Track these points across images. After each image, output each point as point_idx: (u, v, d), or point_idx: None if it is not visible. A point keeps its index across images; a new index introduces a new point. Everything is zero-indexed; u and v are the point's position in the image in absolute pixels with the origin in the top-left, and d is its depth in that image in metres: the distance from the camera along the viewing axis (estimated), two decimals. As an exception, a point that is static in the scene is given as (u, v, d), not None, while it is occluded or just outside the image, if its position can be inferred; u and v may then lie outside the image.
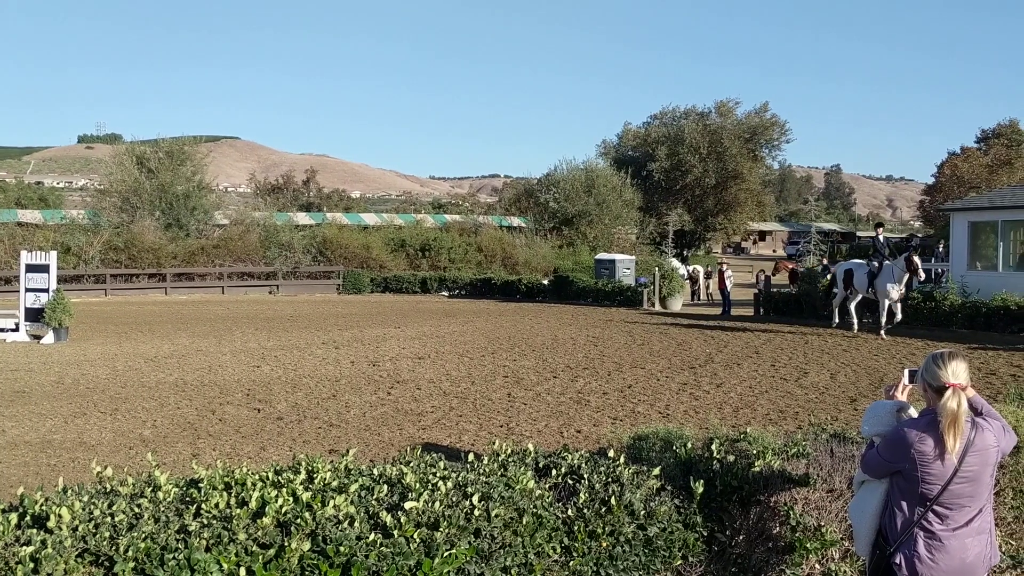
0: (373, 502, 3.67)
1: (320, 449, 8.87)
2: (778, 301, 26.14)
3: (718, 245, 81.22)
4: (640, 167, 62.80)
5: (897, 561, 3.61)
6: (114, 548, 3.20)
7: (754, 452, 4.71)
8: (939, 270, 28.09)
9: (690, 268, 38.57)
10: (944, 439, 3.52)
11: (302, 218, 54.50)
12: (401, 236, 46.58)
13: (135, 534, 3.26)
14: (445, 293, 38.22)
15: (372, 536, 3.42)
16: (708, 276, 36.36)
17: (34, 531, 3.32)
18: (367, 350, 17.39)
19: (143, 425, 10.14)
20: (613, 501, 3.93)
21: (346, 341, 19.05)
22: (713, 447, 4.70)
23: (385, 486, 3.84)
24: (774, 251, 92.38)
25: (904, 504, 3.63)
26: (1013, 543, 5.36)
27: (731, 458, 4.59)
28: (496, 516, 3.72)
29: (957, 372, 3.60)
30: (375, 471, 4.08)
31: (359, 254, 42.47)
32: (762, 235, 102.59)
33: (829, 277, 22.88)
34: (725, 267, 29.96)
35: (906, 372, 3.90)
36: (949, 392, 3.54)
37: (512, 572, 3.67)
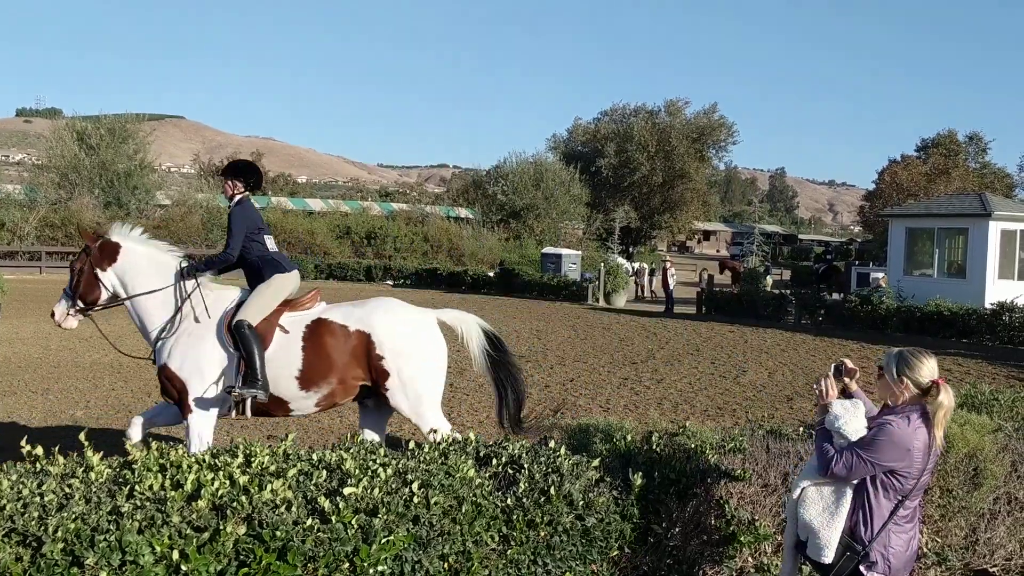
0: (311, 487, 3.64)
1: (258, 434, 8.76)
2: (720, 300, 26.53)
3: (663, 243, 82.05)
4: (589, 163, 63.06)
5: (873, 559, 3.64)
6: (43, 528, 3.12)
7: (692, 446, 4.78)
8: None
9: (635, 265, 38.92)
10: (935, 433, 3.60)
11: (246, 201, 53.59)
12: (347, 223, 46.17)
13: (65, 515, 3.18)
14: (390, 282, 37.98)
15: (309, 521, 3.39)
16: (652, 274, 36.71)
17: (-41, 510, 3.23)
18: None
19: (75, 406, 9.91)
20: (552, 491, 3.95)
21: (288, 327, 18.81)
22: (652, 440, 4.75)
23: (324, 471, 3.81)
24: (718, 251, 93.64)
25: (884, 502, 3.66)
26: (939, 540, 5.53)
27: (670, 451, 4.65)
28: (435, 504, 3.71)
29: (934, 368, 3.69)
30: (314, 456, 4.04)
31: (304, 239, 42.02)
32: (707, 235, 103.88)
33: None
34: (669, 265, 30.30)
35: (833, 368, 3.96)
36: (942, 387, 3.61)
37: (450, 560, 3.67)
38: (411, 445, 4.37)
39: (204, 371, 5.97)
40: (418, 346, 6.10)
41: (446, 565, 3.64)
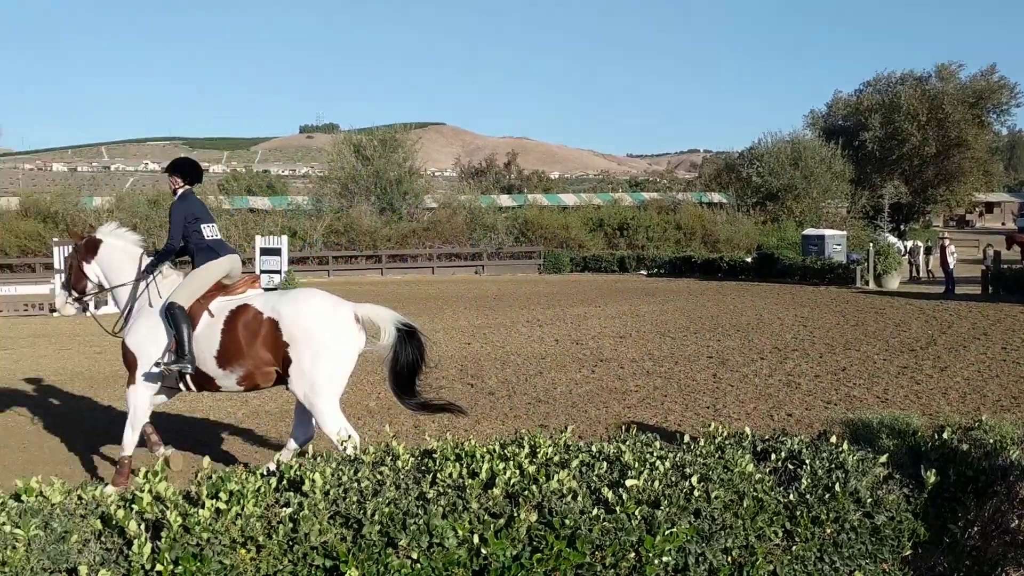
0: (594, 478, 3.80)
1: (530, 424, 9.14)
2: (1009, 279, 24.17)
3: (939, 218, 75.68)
4: (852, 137, 59.41)
5: None
6: (362, 512, 3.49)
7: (990, 441, 4.45)
8: None
9: (908, 243, 36.29)
10: None
11: (504, 200, 55.79)
12: (599, 215, 46.68)
13: (379, 499, 3.54)
14: (643, 272, 38.00)
15: (595, 511, 3.54)
16: (928, 252, 34.03)
17: (291, 494, 3.68)
18: (569, 328, 17.65)
19: (368, 397, 10.83)
20: (837, 488, 3.86)
21: (549, 320, 19.41)
22: (944, 435, 4.48)
23: (604, 463, 3.96)
24: (1003, 224, 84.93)
25: None
26: None
27: (965, 447, 4.36)
28: (716, 497, 3.74)
29: None
30: (593, 448, 4.20)
31: (559, 234, 42.99)
32: (989, 207, 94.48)
33: None
34: (947, 242, 27.98)
35: None
36: None
37: (733, 554, 3.69)
38: (686, 438, 4.43)
39: (149, 349, 6.75)
40: (322, 336, 6.42)
41: (729, 558, 3.66)
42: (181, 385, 6.92)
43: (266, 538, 3.41)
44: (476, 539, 3.41)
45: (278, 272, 21.06)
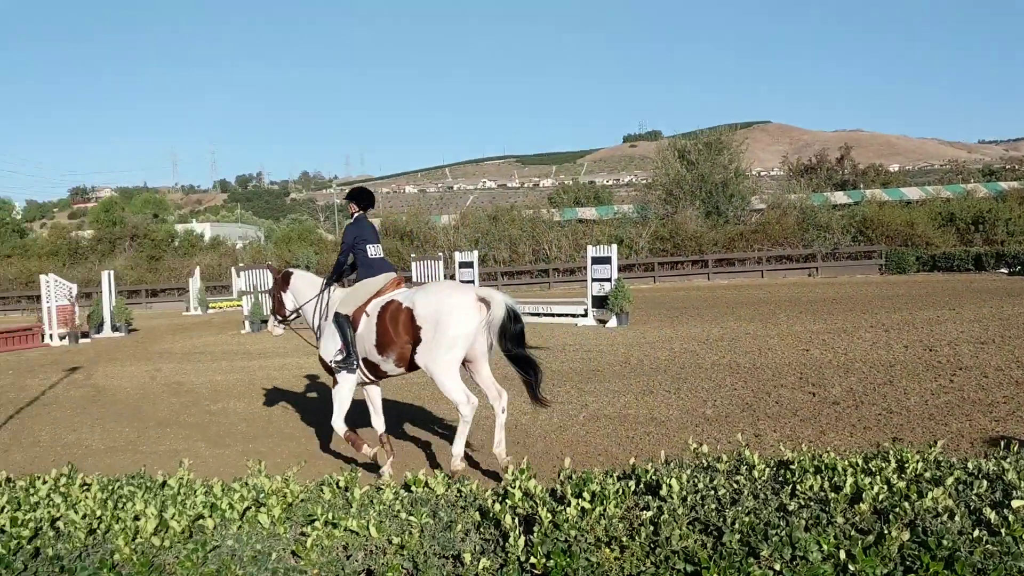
0: (973, 497, 3.52)
1: (882, 437, 8.60)
2: None
3: None
4: None
5: None
6: (721, 519, 3.52)
7: None
8: None
9: None
10: None
11: (839, 197, 52.87)
12: (949, 209, 42.76)
13: (739, 508, 3.55)
14: (1004, 270, 34.19)
15: (976, 532, 3.29)
16: None
17: (649, 498, 3.80)
18: (920, 334, 16.33)
19: (704, 404, 10.80)
20: None
21: (895, 324, 18.09)
22: None
23: (984, 481, 3.65)
24: None
25: None
26: None
27: None
28: (1124, 526, 3.31)
29: None
30: (969, 465, 3.90)
31: (902, 231, 39.97)
32: None
33: None
34: None
35: None
36: None
37: None
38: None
39: (333, 351, 8.09)
40: (443, 315, 7.35)
41: None
42: (363, 377, 8.21)
43: (629, 539, 3.55)
44: (843, 555, 3.30)
45: (608, 280, 21.60)
